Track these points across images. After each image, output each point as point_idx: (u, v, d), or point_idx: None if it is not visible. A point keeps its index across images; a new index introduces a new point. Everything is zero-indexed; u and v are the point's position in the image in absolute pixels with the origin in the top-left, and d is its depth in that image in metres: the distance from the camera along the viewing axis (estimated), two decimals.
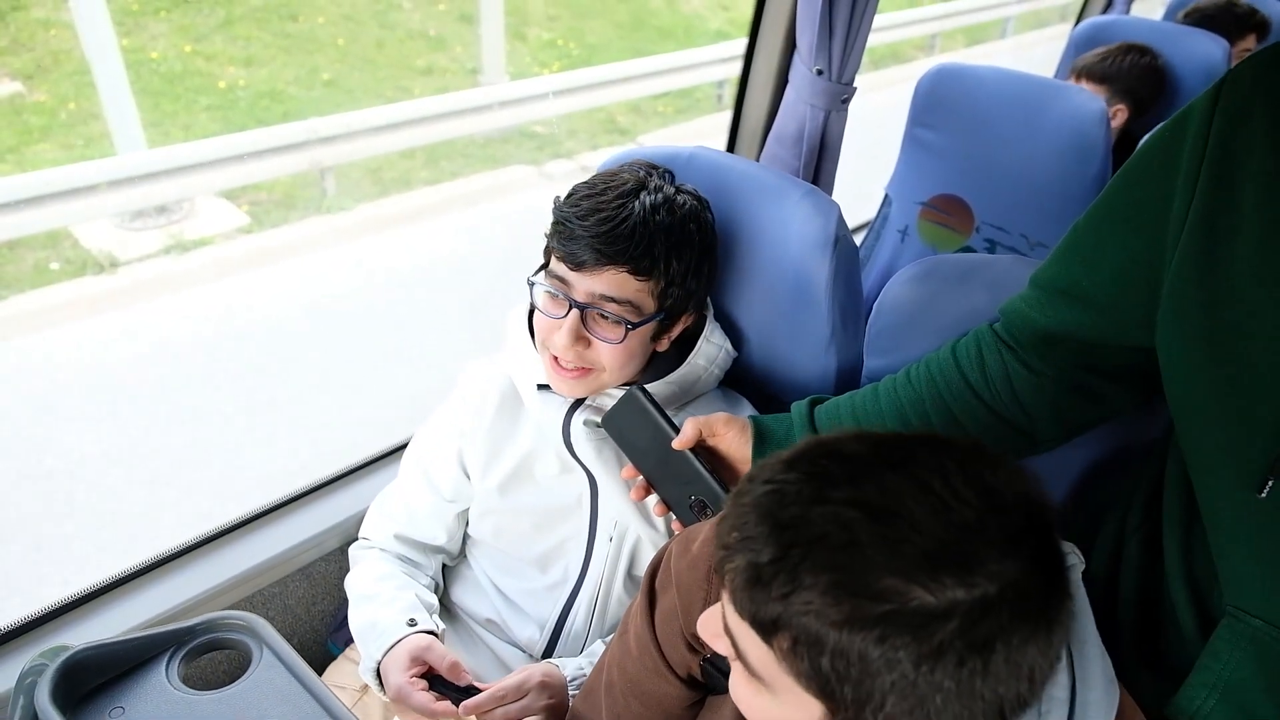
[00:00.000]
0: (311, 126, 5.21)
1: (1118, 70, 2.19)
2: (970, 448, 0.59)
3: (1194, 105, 0.78)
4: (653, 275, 1.08)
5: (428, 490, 1.30)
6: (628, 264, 1.06)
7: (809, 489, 0.57)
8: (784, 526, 0.56)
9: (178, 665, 0.91)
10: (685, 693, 0.90)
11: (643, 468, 1.07)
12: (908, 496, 0.55)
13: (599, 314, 1.09)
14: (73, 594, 1.28)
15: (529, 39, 7.66)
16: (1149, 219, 0.81)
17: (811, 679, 0.57)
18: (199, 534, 1.40)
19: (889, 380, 1.06)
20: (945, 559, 0.53)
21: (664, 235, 1.07)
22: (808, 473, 0.58)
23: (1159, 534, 0.93)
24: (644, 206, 1.07)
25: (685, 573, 0.86)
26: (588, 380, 1.14)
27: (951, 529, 0.54)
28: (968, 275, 1.15)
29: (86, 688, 0.88)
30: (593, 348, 1.11)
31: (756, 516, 0.58)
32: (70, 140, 5.41)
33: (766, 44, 1.60)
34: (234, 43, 6.44)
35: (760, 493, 0.59)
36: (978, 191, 1.99)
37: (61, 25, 5.82)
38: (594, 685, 1.00)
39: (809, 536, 0.55)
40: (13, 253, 4.59)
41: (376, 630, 1.18)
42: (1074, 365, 0.95)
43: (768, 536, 0.56)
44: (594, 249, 1.05)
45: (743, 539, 0.58)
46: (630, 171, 1.13)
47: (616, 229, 1.05)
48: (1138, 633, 0.96)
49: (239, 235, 5.06)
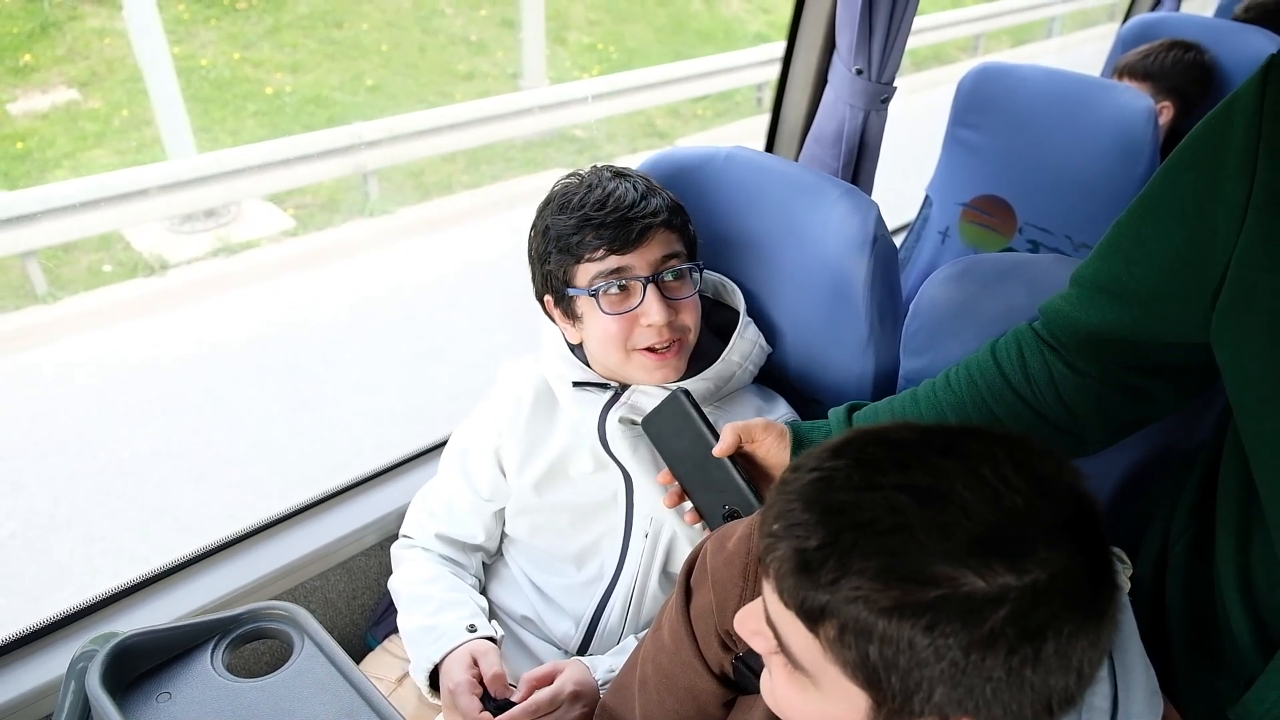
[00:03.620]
0: (355, 131, 5.30)
1: (1160, 67, 2.14)
2: (1018, 438, 0.58)
3: (1239, 91, 0.76)
4: (676, 223, 1.17)
5: (466, 488, 1.31)
6: (662, 221, 1.14)
7: (859, 475, 0.56)
8: (833, 512, 0.55)
9: (222, 653, 0.93)
10: (719, 689, 0.90)
11: (678, 473, 1.07)
12: (958, 482, 0.54)
13: (666, 278, 1.15)
14: (121, 584, 1.32)
15: (569, 43, 7.71)
16: (1194, 210, 0.79)
17: (859, 669, 0.56)
18: (243, 527, 1.43)
19: (928, 384, 1.04)
20: (996, 545, 0.52)
21: (656, 192, 1.17)
22: (856, 459, 0.57)
23: (1208, 539, 0.91)
24: (627, 179, 1.16)
25: (720, 569, 0.86)
26: (683, 351, 1.19)
27: (1002, 515, 0.53)
28: (1006, 274, 1.13)
29: (135, 673, 0.90)
30: (678, 313, 1.16)
31: (803, 503, 0.57)
32: (123, 146, 5.55)
33: (806, 44, 1.60)
34: (280, 50, 6.57)
35: (807, 480, 0.58)
36: (1020, 192, 1.96)
37: (115, 34, 5.98)
38: (626, 681, 1.00)
39: (859, 521, 0.54)
40: (68, 255, 4.73)
41: (435, 634, 1.19)
42: (1119, 364, 0.93)
43: (816, 522, 0.56)
44: (634, 220, 1.11)
45: (789, 526, 0.57)
46: (572, 177, 1.20)
47: (636, 202, 1.13)
48: (1188, 639, 0.94)
49: (284, 238, 5.16)
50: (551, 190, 1.20)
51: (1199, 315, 0.81)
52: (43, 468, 3.39)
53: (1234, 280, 0.76)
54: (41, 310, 4.38)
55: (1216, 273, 0.78)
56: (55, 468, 3.39)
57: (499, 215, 5.54)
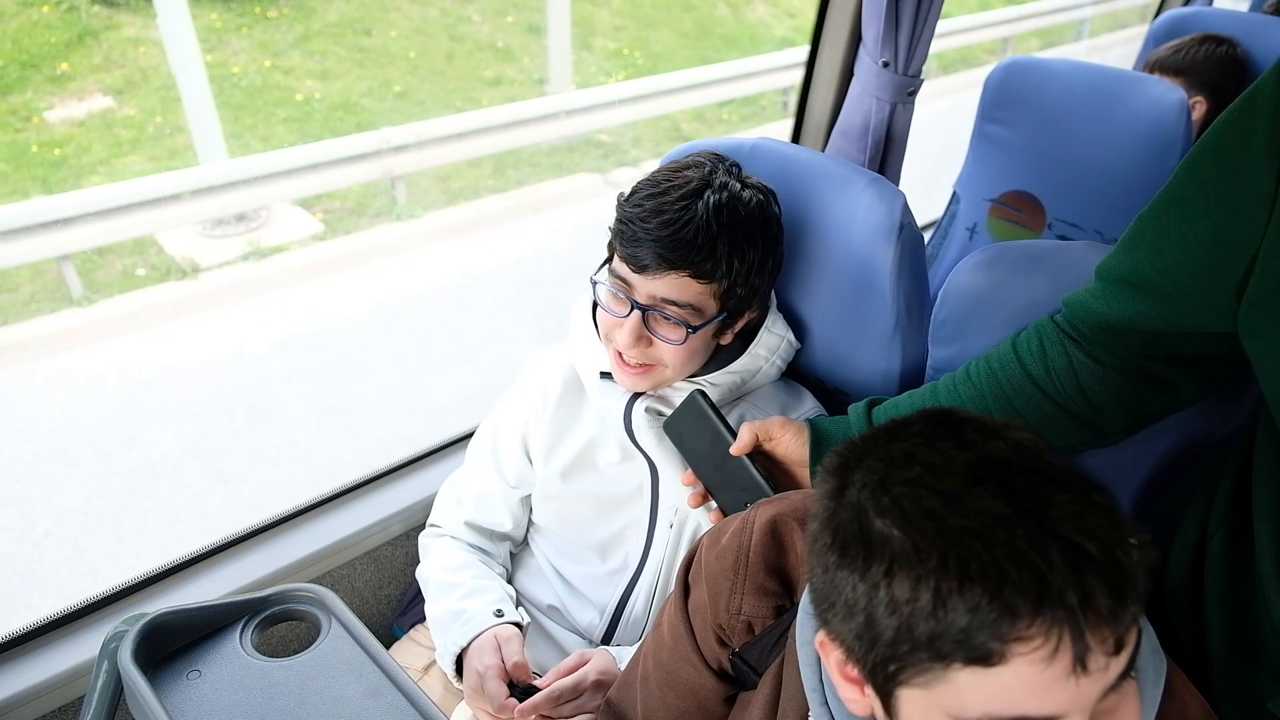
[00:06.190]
0: (383, 136, 5.35)
1: (1192, 61, 2.11)
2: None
3: (1261, 84, 0.76)
4: (715, 278, 1.07)
5: (495, 476, 1.32)
6: (689, 269, 1.05)
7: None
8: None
9: (251, 633, 0.94)
10: (719, 685, 0.91)
11: (700, 473, 1.08)
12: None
13: (660, 315, 1.09)
14: (151, 569, 1.34)
15: (595, 49, 7.75)
16: (1219, 203, 0.78)
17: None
18: (271, 515, 1.44)
19: (948, 378, 1.05)
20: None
21: (727, 236, 1.05)
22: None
23: (1247, 529, 0.90)
24: (707, 207, 1.05)
25: (714, 564, 0.87)
26: (651, 376, 1.15)
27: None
28: (1035, 262, 1.12)
29: (166, 651, 0.92)
30: (655, 346, 1.11)
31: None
32: (157, 152, 5.66)
33: (831, 36, 1.59)
34: (310, 57, 6.66)
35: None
36: (1050, 187, 1.94)
37: (150, 43, 6.10)
38: (629, 678, 1.00)
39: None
40: (102, 259, 4.82)
41: (462, 619, 1.19)
42: (1140, 355, 0.92)
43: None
44: (656, 253, 1.04)
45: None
46: (695, 167, 1.10)
47: (679, 234, 1.04)
48: (1226, 630, 0.92)
49: (313, 242, 5.22)
50: (667, 161, 1.15)
51: (1224, 306, 0.81)
52: (77, 468, 3.44)
53: (1263, 271, 0.76)
54: (77, 313, 4.46)
55: (1243, 264, 0.77)
56: (89, 468, 3.44)
57: (525, 219, 5.57)
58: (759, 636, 0.85)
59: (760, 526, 0.85)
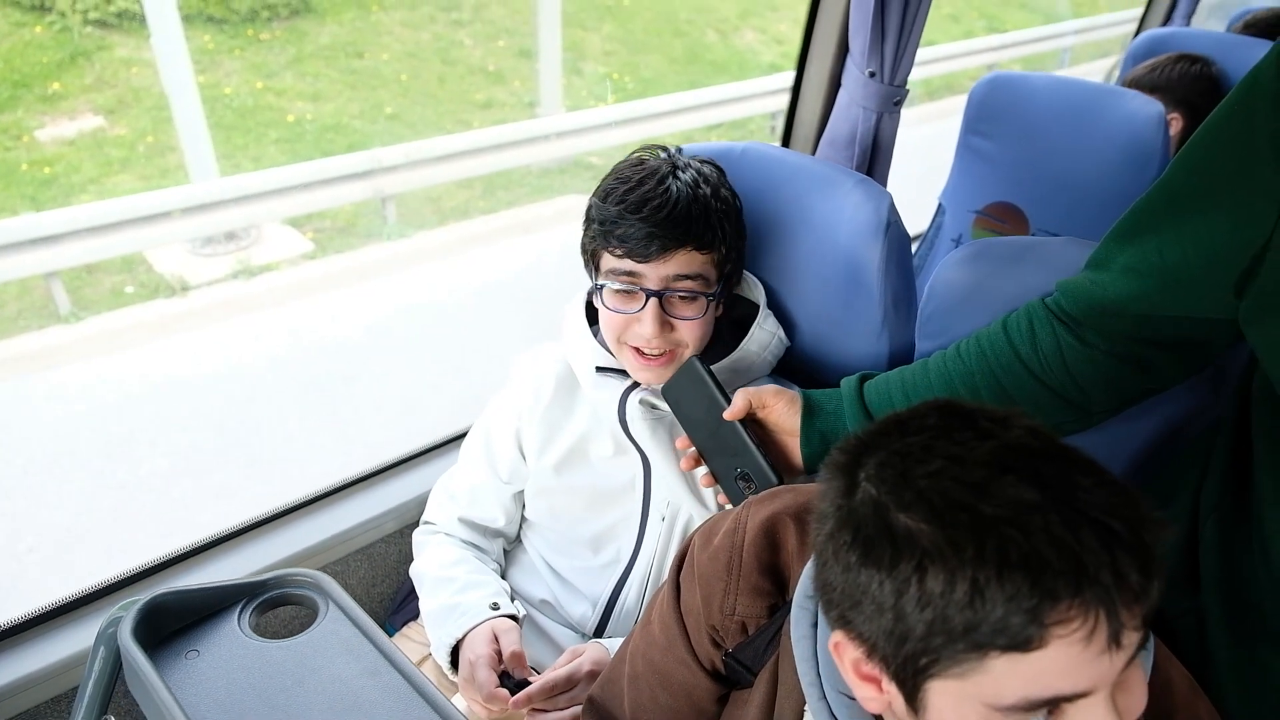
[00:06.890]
0: (373, 156, 5.38)
1: (1168, 80, 2.16)
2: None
3: (1257, 72, 0.78)
4: (714, 246, 1.13)
5: (489, 472, 1.33)
6: (692, 241, 1.11)
7: None
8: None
9: (249, 615, 0.95)
10: (713, 685, 0.91)
11: (695, 439, 1.10)
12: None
13: (676, 296, 1.13)
14: (145, 562, 1.34)
15: (585, 73, 7.82)
16: (1230, 196, 0.81)
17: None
18: (264, 511, 1.45)
19: (939, 355, 1.07)
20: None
21: (713, 205, 1.12)
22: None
23: (1241, 515, 0.92)
24: (686, 185, 1.12)
25: (707, 565, 0.87)
26: (675, 361, 1.17)
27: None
28: (1018, 257, 1.15)
29: (164, 632, 0.92)
30: (675, 329, 1.15)
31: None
32: (147, 171, 5.66)
33: (820, 47, 1.63)
34: (302, 79, 6.69)
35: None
36: (1032, 198, 1.98)
37: (142, 64, 6.12)
38: (615, 675, 1.00)
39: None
40: (91, 276, 4.81)
41: (457, 612, 1.21)
42: (1128, 337, 0.95)
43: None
44: (658, 236, 1.09)
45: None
46: (650, 158, 1.17)
47: (673, 213, 1.09)
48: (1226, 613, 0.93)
49: (303, 261, 5.23)
50: (617, 165, 1.19)
51: (1223, 294, 0.83)
52: (64, 484, 3.42)
53: (1274, 263, 0.78)
54: (64, 330, 4.45)
55: (1249, 254, 0.80)
56: (77, 483, 3.42)
57: (515, 239, 5.60)
58: (753, 636, 0.85)
59: (753, 527, 0.86)
